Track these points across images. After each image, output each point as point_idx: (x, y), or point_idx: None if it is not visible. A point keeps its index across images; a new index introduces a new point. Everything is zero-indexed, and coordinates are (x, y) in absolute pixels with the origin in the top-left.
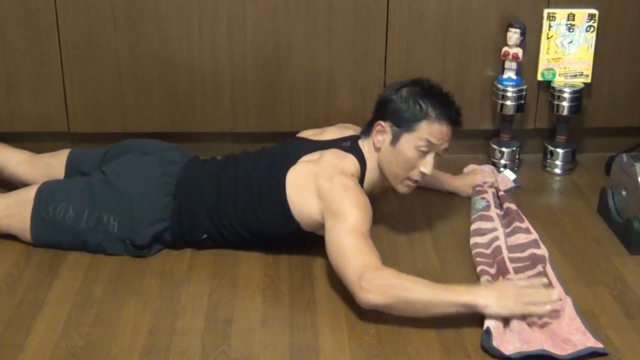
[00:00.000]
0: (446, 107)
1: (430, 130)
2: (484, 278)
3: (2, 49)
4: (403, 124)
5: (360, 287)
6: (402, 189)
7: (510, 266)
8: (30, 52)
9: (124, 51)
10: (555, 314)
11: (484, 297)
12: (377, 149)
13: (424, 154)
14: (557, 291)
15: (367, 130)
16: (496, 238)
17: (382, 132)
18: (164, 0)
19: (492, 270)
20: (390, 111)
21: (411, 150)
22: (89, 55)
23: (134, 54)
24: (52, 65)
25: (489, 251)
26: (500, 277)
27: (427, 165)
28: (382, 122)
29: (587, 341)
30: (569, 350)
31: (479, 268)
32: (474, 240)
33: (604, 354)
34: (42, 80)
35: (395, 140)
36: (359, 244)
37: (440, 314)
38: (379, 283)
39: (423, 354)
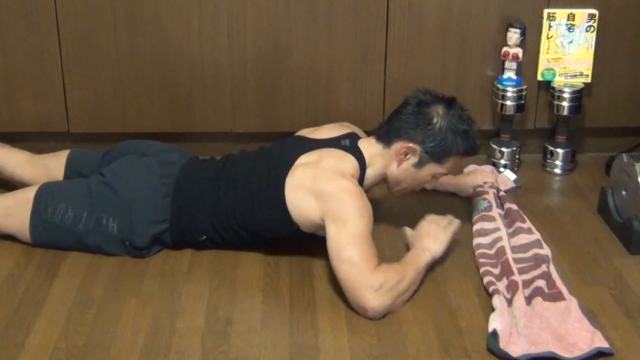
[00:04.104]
0: (474, 144)
1: (454, 163)
2: (486, 279)
3: (2, 49)
4: (434, 154)
5: (368, 299)
6: (397, 195)
7: (514, 267)
8: (30, 52)
9: (124, 51)
10: (561, 316)
11: (431, 248)
12: (398, 164)
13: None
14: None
15: (386, 139)
16: (499, 238)
17: (411, 155)
18: (164, 0)
19: (496, 271)
20: (425, 137)
21: (430, 176)
22: (89, 55)
23: (134, 54)
24: (52, 65)
25: (492, 251)
26: (499, 277)
27: (432, 185)
28: (413, 146)
29: (594, 341)
30: (576, 353)
31: (482, 269)
32: (477, 240)
33: (609, 354)
34: (42, 80)
35: (420, 165)
36: (362, 252)
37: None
38: (386, 288)
39: (423, 354)
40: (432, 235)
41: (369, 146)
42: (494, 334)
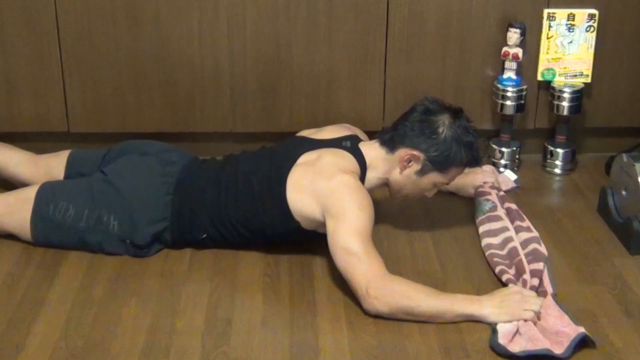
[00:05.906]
0: (478, 156)
1: (456, 173)
2: (505, 277)
3: (2, 49)
4: (437, 163)
5: (368, 295)
6: (397, 201)
7: (527, 267)
8: (30, 52)
9: (124, 51)
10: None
11: (487, 306)
12: (400, 171)
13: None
14: (541, 300)
15: (390, 144)
16: (510, 239)
17: (414, 162)
18: (164, 0)
19: (512, 272)
20: (429, 145)
21: (430, 185)
22: (89, 55)
23: (134, 54)
24: (52, 65)
25: (504, 252)
26: (512, 284)
27: (432, 193)
28: (416, 153)
29: (578, 330)
30: (564, 343)
31: (497, 268)
32: (486, 241)
33: (592, 344)
34: (42, 80)
35: (422, 173)
36: (364, 248)
37: (444, 322)
38: (387, 293)
39: (423, 354)
40: (504, 302)
41: (371, 149)
42: (494, 330)
